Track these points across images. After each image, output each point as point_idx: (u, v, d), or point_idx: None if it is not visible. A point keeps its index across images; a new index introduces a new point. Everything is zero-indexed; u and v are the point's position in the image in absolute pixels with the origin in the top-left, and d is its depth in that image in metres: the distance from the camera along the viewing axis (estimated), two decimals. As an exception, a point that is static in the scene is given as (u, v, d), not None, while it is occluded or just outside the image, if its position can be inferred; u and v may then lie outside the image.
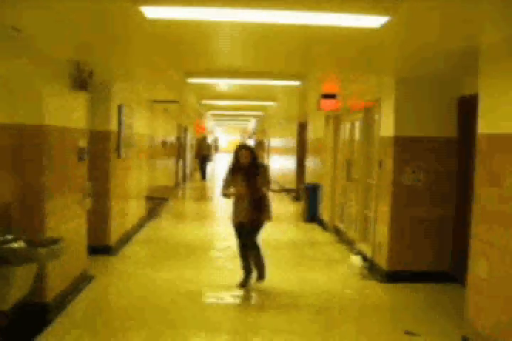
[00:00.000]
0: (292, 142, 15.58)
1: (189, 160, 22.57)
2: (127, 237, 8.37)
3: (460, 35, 4.22)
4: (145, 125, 9.85)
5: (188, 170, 22.13)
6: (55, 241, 3.96)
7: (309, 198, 10.79)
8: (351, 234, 8.33)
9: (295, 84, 7.29)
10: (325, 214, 10.14)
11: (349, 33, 4.19)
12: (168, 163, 14.73)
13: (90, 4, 3.50)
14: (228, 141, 50.86)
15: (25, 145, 4.58)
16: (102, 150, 7.14)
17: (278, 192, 7.48)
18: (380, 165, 6.67)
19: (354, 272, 6.67)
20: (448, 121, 6.20)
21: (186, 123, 19.40)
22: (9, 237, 3.83)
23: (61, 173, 5.11)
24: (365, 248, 7.30)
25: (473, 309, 4.21)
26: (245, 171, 5.79)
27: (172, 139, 15.42)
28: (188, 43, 4.95)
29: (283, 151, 18.18)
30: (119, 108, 7.58)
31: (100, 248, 7.09)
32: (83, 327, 4.76)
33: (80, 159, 5.65)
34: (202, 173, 22.61)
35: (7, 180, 4.51)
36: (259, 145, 28.33)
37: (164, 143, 13.26)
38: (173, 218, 11.67)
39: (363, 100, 7.58)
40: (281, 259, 7.46)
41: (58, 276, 5.05)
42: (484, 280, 4.03)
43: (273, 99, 10.68)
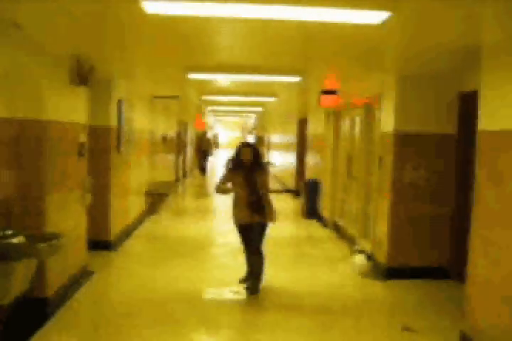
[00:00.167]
0: (292, 138, 15.56)
1: (189, 155, 22.55)
2: (127, 232, 8.38)
3: (461, 31, 4.21)
4: (145, 120, 9.85)
5: (188, 166, 22.12)
6: (55, 236, 3.96)
7: (309, 194, 10.78)
8: (351, 231, 8.33)
9: (295, 79, 7.28)
10: (325, 210, 10.14)
11: (350, 29, 4.18)
12: (168, 159, 14.72)
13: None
14: (228, 137, 50.87)
15: (25, 140, 4.58)
16: (102, 145, 7.13)
17: (279, 192, 7.37)
18: (380, 161, 6.67)
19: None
20: (448, 118, 6.18)
21: (186, 118, 19.38)
22: (9, 232, 3.84)
23: (61, 168, 5.11)
24: (365, 244, 7.31)
25: (472, 305, 4.22)
26: (246, 169, 5.53)
27: (172, 135, 15.41)
28: (188, 39, 4.94)
29: (283, 147, 18.16)
30: (119, 103, 7.57)
31: (100, 243, 7.09)
32: (83, 321, 4.78)
33: (80, 154, 5.65)
34: (202, 169, 22.59)
35: (7, 175, 4.51)
36: (259, 141, 28.31)
37: (164, 138, 13.25)
38: (173, 214, 11.68)
39: (364, 96, 7.57)
40: (280, 256, 7.45)
41: (58, 271, 5.06)
42: (483, 277, 4.04)
43: (273, 95, 10.67)
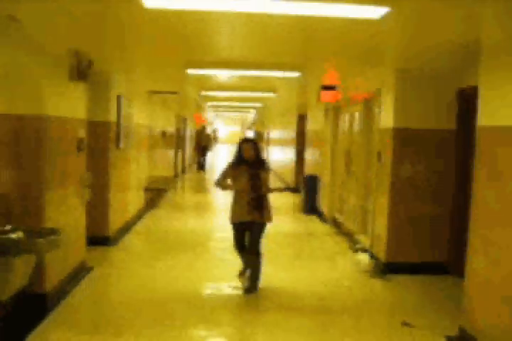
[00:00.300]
0: (291, 133, 15.55)
1: (188, 151, 22.54)
2: (126, 228, 8.38)
3: (460, 28, 4.20)
4: (144, 116, 9.83)
5: (188, 162, 22.12)
6: (54, 231, 3.96)
7: (308, 190, 10.79)
8: (350, 226, 8.34)
9: (295, 75, 7.27)
10: (324, 205, 10.14)
11: (349, 25, 4.18)
12: (167, 154, 14.72)
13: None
14: (228, 133, 50.86)
15: (24, 135, 4.57)
16: (101, 140, 7.13)
17: (280, 191, 7.25)
18: (379, 157, 6.67)
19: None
20: (448, 113, 6.18)
21: (186, 114, 19.36)
22: (8, 228, 3.84)
23: (60, 164, 5.10)
24: (364, 240, 7.32)
25: (470, 301, 4.23)
26: (248, 166, 5.48)
27: (171, 130, 15.40)
28: (188, 34, 4.93)
29: (282, 143, 18.15)
30: (119, 98, 7.56)
31: (99, 239, 7.09)
32: (82, 317, 4.78)
33: (79, 149, 5.64)
34: (201, 165, 22.58)
35: (6, 171, 4.50)
36: (258, 136, 28.30)
37: (163, 134, 13.24)
38: (172, 209, 11.67)
39: (363, 92, 7.56)
40: (279, 252, 7.45)
41: (57, 267, 5.06)
42: (482, 273, 4.04)
43: (272, 91, 10.66)
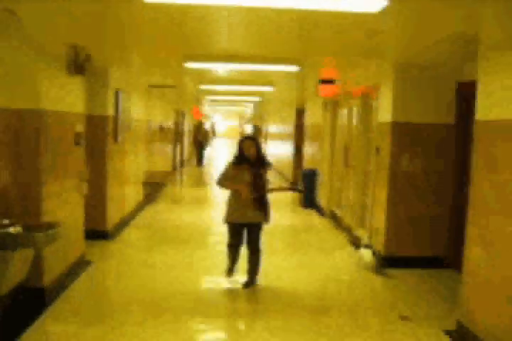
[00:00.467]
0: (290, 128, 15.55)
1: (186, 145, 22.52)
2: (125, 222, 8.38)
3: (459, 22, 4.19)
4: (142, 110, 9.81)
5: (186, 155, 22.11)
6: (52, 225, 3.96)
7: (307, 184, 10.80)
8: (348, 220, 8.35)
9: (293, 69, 7.25)
10: (322, 199, 10.15)
11: (348, 18, 4.16)
12: (165, 148, 14.70)
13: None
14: (226, 127, 50.82)
15: (22, 129, 4.55)
16: (99, 134, 7.10)
17: (282, 190, 7.14)
18: (377, 151, 6.67)
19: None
20: (446, 108, 6.17)
21: (184, 108, 19.33)
22: (6, 222, 3.84)
23: (58, 158, 5.09)
24: (362, 234, 7.33)
25: (468, 294, 4.24)
26: (250, 165, 5.38)
27: (169, 124, 15.38)
28: (186, 27, 4.91)
29: (281, 137, 18.15)
30: (116, 92, 7.53)
31: (98, 232, 7.08)
32: (81, 311, 4.78)
33: (77, 144, 5.63)
34: (199, 159, 22.56)
35: (4, 165, 4.49)
36: (256, 130, 28.29)
37: (162, 128, 13.22)
38: (170, 203, 11.68)
39: (362, 86, 7.54)
40: (278, 246, 7.47)
41: (55, 261, 5.06)
42: (480, 266, 4.05)
43: (271, 85, 10.64)
